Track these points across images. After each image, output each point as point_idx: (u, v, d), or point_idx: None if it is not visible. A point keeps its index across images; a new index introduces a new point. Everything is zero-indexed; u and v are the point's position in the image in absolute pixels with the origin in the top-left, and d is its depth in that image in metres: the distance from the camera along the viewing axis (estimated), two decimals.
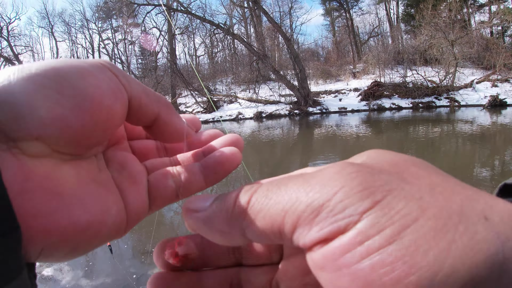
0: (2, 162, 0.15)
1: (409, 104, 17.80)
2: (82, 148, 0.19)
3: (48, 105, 0.16)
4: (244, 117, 20.20)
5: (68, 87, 0.17)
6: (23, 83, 0.16)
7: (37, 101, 0.16)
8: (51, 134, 0.16)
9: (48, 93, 0.16)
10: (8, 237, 0.14)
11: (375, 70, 22.44)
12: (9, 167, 0.15)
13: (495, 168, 4.93)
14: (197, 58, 37.11)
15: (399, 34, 28.50)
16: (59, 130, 0.17)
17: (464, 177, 4.68)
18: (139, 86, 0.21)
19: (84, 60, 0.19)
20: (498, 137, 7.82)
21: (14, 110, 0.15)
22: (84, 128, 0.17)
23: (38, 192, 0.16)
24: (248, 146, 9.78)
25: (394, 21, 33.22)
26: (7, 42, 26.54)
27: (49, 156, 0.17)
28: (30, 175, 0.16)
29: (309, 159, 6.95)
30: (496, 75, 18.34)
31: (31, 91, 0.16)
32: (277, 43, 29.15)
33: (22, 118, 0.16)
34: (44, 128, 0.16)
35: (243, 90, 23.88)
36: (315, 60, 30.47)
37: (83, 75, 0.17)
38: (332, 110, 18.77)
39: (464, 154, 6.22)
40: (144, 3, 20.19)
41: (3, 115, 0.15)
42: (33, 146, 0.16)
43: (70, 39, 41.13)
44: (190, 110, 23.50)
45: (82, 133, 0.17)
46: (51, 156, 0.17)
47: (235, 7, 29.08)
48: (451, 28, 18.82)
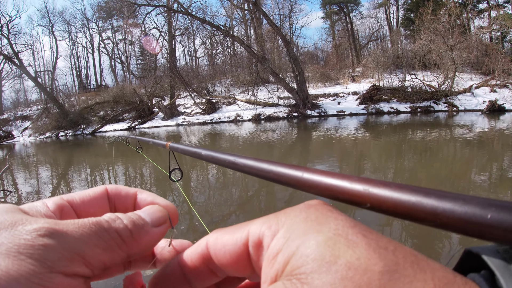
0: None
1: (407, 108, 17.80)
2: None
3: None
4: (242, 119, 20.17)
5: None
6: None
7: None
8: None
9: None
10: None
11: (374, 74, 22.45)
12: None
13: (493, 174, 4.88)
14: (196, 60, 37.20)
15: (399, 38, 28.54)
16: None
17: (462, 182, 4.63)
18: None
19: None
20: (496, 143, 7.79)
21: None
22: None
23: None
24: (246, 147, 9.71)
25: (394, 26, 33.34)
26: (7, 40, 26.48)
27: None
28: None
29: (307, 161, 6.90)
30: (495, 81, 18.36)
31: None
32: (276, 46, 29.19)
33: None
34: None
35: (242, 92, 23.86)
36: (314, 63, 30.53)
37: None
38: (330, 113, 18.75)
39: (462, 159, 6.18)
40: (145, 4, 20.20)
41: None
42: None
43: (70, 38, 41.17)
44: (189, 111, 23.49)
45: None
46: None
47: (236, 9, 29.13)
48: (450, 33, 18.86)
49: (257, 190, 4.83)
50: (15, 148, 18.86)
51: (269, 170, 0.33)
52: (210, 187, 5.35)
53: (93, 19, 40.88)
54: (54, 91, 29.64)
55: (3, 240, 0.17)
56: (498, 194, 3.89)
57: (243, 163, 0.40)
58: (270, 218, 0.20)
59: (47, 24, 38.43)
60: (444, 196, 0.17)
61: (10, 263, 0.16)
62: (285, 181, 0.30)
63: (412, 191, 0.18)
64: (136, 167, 7.54)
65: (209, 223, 3.49)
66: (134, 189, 0.28)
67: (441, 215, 0.16)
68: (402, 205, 0.18)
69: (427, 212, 0.17)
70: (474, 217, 0.15)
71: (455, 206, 0.16)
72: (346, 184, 0.22)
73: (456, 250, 2.59)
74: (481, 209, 0.15)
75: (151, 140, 1.32)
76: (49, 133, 23.76)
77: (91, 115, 24.71)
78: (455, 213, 0.16)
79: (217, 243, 0.21)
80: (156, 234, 0.24)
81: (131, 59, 40.21)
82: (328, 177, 0.24)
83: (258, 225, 0.20)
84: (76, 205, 0.25)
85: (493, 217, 0.14)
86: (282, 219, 0.19)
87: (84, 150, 13.36)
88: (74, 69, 41.81)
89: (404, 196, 0.18)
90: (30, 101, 35.40)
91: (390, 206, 0.19)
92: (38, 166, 9.95)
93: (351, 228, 0.16)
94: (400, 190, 0.19)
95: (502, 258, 0.14)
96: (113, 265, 0.21)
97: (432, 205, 0.17)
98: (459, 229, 0.16)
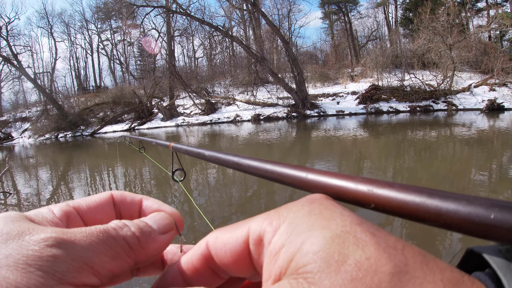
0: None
1: (406, 108, 17.81)
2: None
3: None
4: (241, 119, 20.16)
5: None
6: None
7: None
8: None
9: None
10: None
11: (373, 74, 22.47)
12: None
13: (492, 173, 4.89)
14: (195, 60, 37.18)
15: (397, 37, 28.58)
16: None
17: (462, 181, 4.64)
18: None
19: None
20: (496, 141, 7.80)
21: None
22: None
23: None
24: (246, 148, 9.72)
25: (393, 25, 33.36)
26: (6, 41, 26.43)
27: None
28: None
29: (306, 161, 6.91)
30: (494, 79, 18.39)
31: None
32: (275, 46, 29.19)
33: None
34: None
35: (241, 93, 23.86)
36: (313, 63, 30.52)
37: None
38: (329, 113, 18.76)
39: (461, 158, 6.19)
40: (144, 5, 20.18)
41: None
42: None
43: (69, 40, 41.13)
44: (188, 111, 23.48)
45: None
46: None
47: (234, 9, 29.12)
48: (449, 32, 18.88)
49: (257, 190, 4.84)
50: (15, 149, 18.84)
51: (273, 171, 0.33)
52: (210, 187, 5.35)
53: (92, 20, 40.89)
54: (53, 92, 29.59)
55: (10, 252, 0.17)
56: (498, 193, 3.90)
57: (247, 164, 0.40)
58: (271, 214, 0.19)
59: (46, 25, 38.47)
60: (448, 196, 0.17)
61: (19, 276, 0.16)
62: (290, 182, 0.30)
63: (416, 192, 0.18)
64: (136, 168, 7.54)
65: (211, 222, 3.50)
66: (140, 196, 0.28)
67: (445, 216, 0.16)
68: (406, 205, 0.18)
69: (431, 213, 0.17)
70: (478, 217, 0.15)
71: (459, 206, 0.16)
72: (350, 185, 0.22)
73: (457, 247, 2.60)
74: (484, 209, 0.15)
75: (154, 141, 1.32)
76: (49, 134, 23.74)
77: (90, 116, 24.69)
78: (459, 214, 0.16)
79: (217, 242, 0.21)
80: (163, 241, 0.24)
81: (130, 60, 40.21)
82: (333, 178, 0.24)
83: (259, 221, 0.19)
84: (83, 212, 0.25)
85: (496, 217, 0.15)
86: (284, 214, 0.19)
87: (84, 151, 13.35)
88: (73, 70, 41.80)
89: (408, 196, 0.18)
90: (30, 102, 35.38)
91: (394, 207, 0.19)
92: (38, 168, 9.94)
93: (359, 226, 0.16)
94: (404, 190, 0.19)
95: (504, 257, 0.14)
96: (121, 273, 0.21)
97: (436, 206, 0.17)
98: (462, 229, 0.16)
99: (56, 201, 5.27)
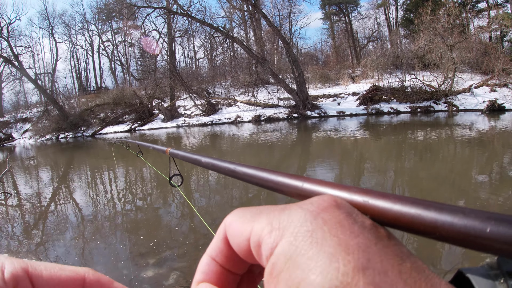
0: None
1: (407, 109, 17.80)
2: None
3: None
4: (242, 120, 20.17)
5: None
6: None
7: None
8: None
9: None
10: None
11: (373, 75, 22.47)
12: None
13: (493, 173, 4.88)
14: (196, 61, 37.22)
15: (398, 38, 28.59)
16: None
17: (462, 182, 4.63)
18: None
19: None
20: (496, 142, 7.79)
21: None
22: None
23: None
24: (246, 149, 9.72)
25: (393, 26, 33.36)
26: (7, 42, 26.51)
27: None
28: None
29: (307, 162, 6.91)
30: (495, 80, 18.37)
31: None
32: (276, 47, 29.24)
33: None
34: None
35: (242, 93, 23.89)
36: (314, 64, 30.54)
37: None
38: (330, 114, 18.76)
39: (462, 159, 6.18)
40: (144, 6, 20.22)
41: None
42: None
43: (70, 41, 41.24)
44: (189, 112, 23.50)
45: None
46: None
47: (235, 10, 29.16)
48: (449, 33, 18.87)
49: (257, 191, 4.83)
50: (16, 150, 18.88)
51: (269, 179, 0.33)
52: (209, 189, 5.35)
53: (92, 21, 40.97)
54: (54, 93, 29.64)
55: None
56: (498, 194, 3.89)
57: (243, 172, 0.40)
58: (272, 219, 0.19)
59: (47, 26, 38.53)
60: (444, 208, 0.17)
61: None
62: (285, 191, 0.30)
63: (412, 204, 0.18)
64: (136, 170, 7.55)
65: (209, 224, 3.49)
66: (121, 286, 0.23)
67: (441, 228, 0.16)
68: (401, 217, 0.18)
69: (427, 225, 0.17)
70: (473, 230, 0.15)
71: (455, 219, 0.16)
72: (345, 195, 0.22)
73: (454, 260, 2.60)
74: (480, 222, 0.15)
75: (151, 146, 1.32)
76: (49, 135, 23.79)
77: (91, 117, 24.74)
78: (455, 226, 0.16)
79: (230, 228, 0.21)
80: None
81: (131, 61, 40.29)
82: (328, 188, 0.24)
83: (261, 225, 0.19)
84: (39, 282, 0.20)
85: (492, 230, 0.15)
86: (284, 223, 0.18)
87: (84, 152, 13.36)
88: (74, 71, 41.88)
89: (403, 208, 0.18)
90: (30, 103, 35.46)
91: (390, 218, 0.19)
92: (39, 169, 9.96)
93: (363, 273, 0.14)
94: (399, 202, 0.19)
95: (492, 281, 0.14)
96: None
97: (432, 218, 0.17)
98: (458, 241, 0.16)
99: (56, 202, 5.28)
